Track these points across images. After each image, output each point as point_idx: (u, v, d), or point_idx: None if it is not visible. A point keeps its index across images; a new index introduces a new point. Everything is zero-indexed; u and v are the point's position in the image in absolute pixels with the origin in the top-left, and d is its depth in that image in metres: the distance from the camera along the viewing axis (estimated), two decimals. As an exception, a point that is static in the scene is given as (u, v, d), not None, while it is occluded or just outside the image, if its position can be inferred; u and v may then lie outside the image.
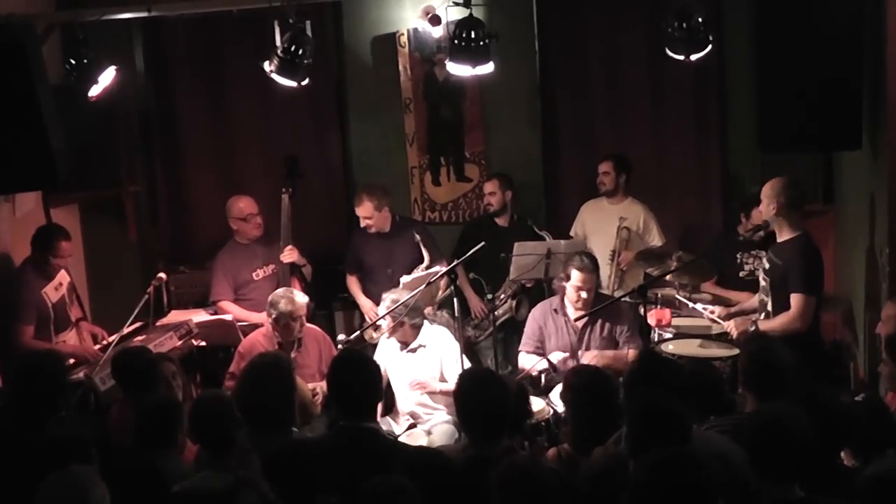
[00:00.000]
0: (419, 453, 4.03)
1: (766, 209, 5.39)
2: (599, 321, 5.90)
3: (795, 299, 5.25)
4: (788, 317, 5.27)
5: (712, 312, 5.86)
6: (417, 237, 6.67)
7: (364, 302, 6.84)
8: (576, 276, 5.82)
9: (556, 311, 6.03)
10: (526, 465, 3.47)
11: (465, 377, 4.29)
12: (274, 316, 5.89)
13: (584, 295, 5.82)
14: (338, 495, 3.57)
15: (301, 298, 5.93)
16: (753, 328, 5.40)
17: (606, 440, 3.98)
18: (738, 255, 6.71)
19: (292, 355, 5.73)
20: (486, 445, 3.90)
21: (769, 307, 5.46)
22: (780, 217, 5.35)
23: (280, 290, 6.04)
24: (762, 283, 5.58)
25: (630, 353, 5.64)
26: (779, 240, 5.43)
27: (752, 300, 5.78)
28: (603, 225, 7.04)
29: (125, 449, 4.30)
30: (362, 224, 6.80)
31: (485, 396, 3.99)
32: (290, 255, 6.61)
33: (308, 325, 6.14)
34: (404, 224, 6.97)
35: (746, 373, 4.36)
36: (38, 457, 3.80)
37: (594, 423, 4.10)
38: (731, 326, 5.60)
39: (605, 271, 6.87)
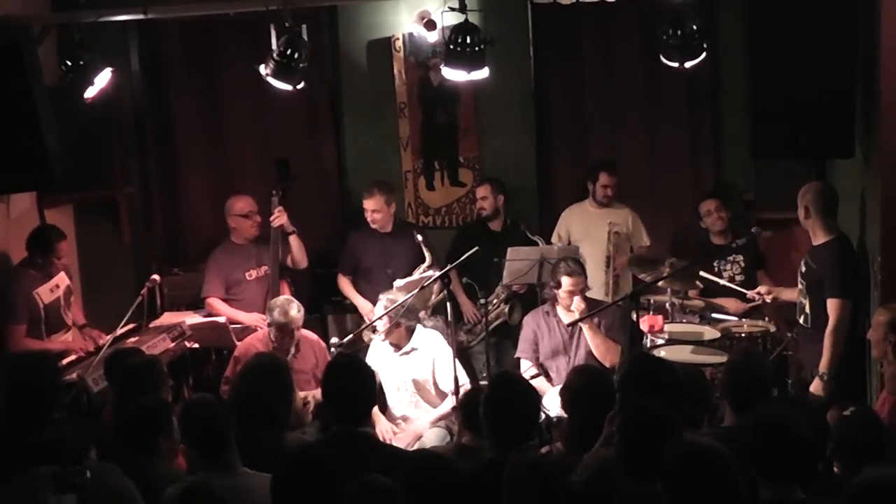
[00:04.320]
0: (415, 456, 4.04)
1: (799, 214, 5.52)
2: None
3: (832, 305, 5.33)
4: (830, 329, 5.31)
5: (759, 293, 6.03)
6: (419, 237, 6.70)
7: (362, 303, 6.83)
8: (566, 281, 5.90)
9: (547, 312, 6.10)
10: (537, 460, 3.54)
11: (499, 382, 4.29)
12: (268, 321, 5.96)
13: (576, 298, 5.87)
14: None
15: (296, 312, 5.92)
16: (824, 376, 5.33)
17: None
18: (715, 263, 6.74)
19: (288, 359, 5.75)
20: (509, 450, 3.90)
21: (807, 309, 5.53)
22: (813, 221, 5.46)
23: (281, 298, 6.06)
24: (799, 285, 5.64)
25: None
26: (814, 243, 5.52)
27: (793, 291, 5.82)
28: (592, 231, 7.03)
29: (112, 452, 4.29)
30: (369, 218, 6.83)
31: (517, 402, 4.03)
32: (279, 217, 6.60)
33: (305, 332, 6.16)
34: (404, 226, 7.00)
35: (726, 384, 4.38)
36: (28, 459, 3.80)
37: (590, 425, 4.12)
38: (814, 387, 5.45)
39: (601, 278, 6.88)
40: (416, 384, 5.96)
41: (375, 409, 5.66)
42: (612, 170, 7.08)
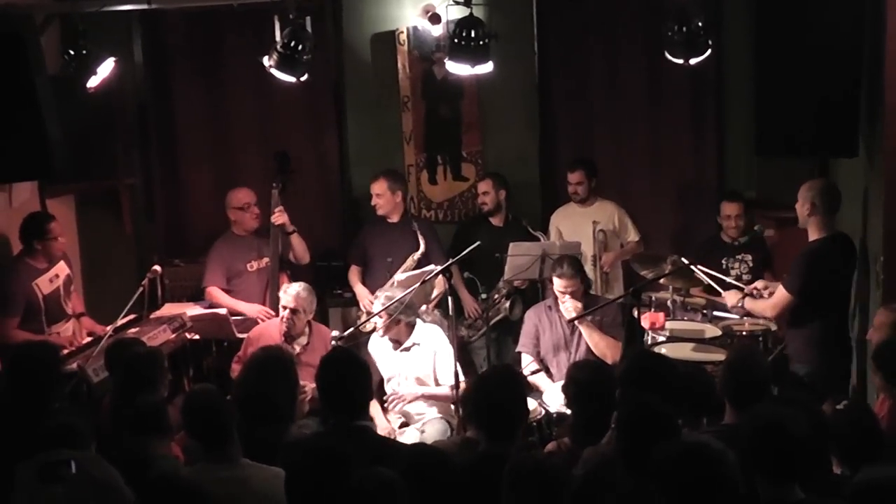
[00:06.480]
0: (413, 450, 4.04)
1: (800, 209, 5.48)
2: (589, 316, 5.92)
3: (780, 291, 5.43)
4: (765, 302, 5.52)
5: (755, 289, 5.97)
6: (415, 225, 6.72)
7: (360, 290, 6.88)
8: (556, 282, 5.89)
9: (549, 307, 6.09)
10: (538, 460, 3.52)
11: (485, 374, 4.29)
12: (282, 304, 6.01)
13: (567, 298, 5.86)
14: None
15: (303, 294, 5.94)
16: (741, 304, 5.66)
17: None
18: (723, 260, 6.73)
19: (297, 351, 5.81)
20: (500, 443, 3.91)
21: None
22: (812, 218, 5.44)
23: (294, 284, 6.08)
24: None
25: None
26: (809, 240, 5.51)
27: None
28: (578, 230, 7.01)
29: (113, 443, 4.30)
30: (373, 202, 6.87)
31: (503, 394, 4.02)
32: (279, 216, 6.61)
33: (321, 326, 6.20)
34: (412, 218, 7.03)
35: (724, 381, 4.38)
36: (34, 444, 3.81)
37: (595, 418, 4.12)
38: (727, 297, 5.80)
39: (590, 276, 6.86)
40: (419, 381, 5.95)
41: (375, 405, 5.67)
42: (574, 168, 7.05)
